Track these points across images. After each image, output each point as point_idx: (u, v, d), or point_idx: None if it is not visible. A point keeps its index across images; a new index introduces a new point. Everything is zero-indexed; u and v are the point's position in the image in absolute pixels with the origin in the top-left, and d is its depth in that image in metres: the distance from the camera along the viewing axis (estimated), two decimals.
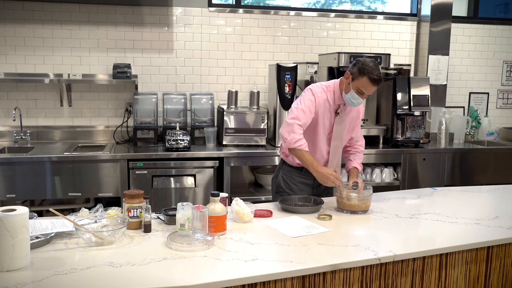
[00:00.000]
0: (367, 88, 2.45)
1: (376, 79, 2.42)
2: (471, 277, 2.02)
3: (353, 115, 2.71)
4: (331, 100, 2.59)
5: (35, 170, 3.44)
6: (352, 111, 2.69)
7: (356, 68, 2.46)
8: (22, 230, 1.59)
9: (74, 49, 4.11)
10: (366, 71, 2.42)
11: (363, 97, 2.50)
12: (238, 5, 4.43)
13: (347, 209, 2.35)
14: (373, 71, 2.41)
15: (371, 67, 2.42)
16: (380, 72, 2.44)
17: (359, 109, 2.74)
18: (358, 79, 2.45)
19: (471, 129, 4.84)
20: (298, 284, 1.69)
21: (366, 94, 2.49)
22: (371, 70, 2.41)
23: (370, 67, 2.42)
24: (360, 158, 2.78)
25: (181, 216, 1.93)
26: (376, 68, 2.43)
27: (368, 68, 2.42)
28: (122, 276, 1.57)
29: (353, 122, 2.72)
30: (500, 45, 5.05)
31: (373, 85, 2.43)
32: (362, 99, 2.51)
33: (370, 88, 2.45)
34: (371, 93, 2.51)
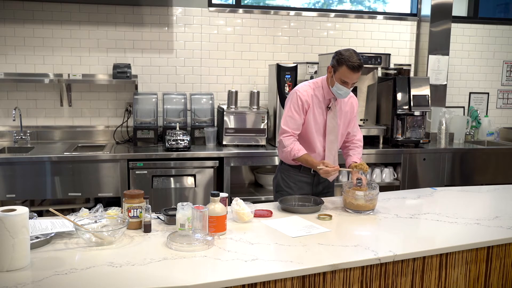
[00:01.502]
0: (348, 76, 2.47)
1: (355, 65, 2.44)
2: (471, 277, 2.02)
3: (347, 109, 2.71)
4: (320, 95, 2.62)
5: (35, 170, 3.44)
6: (345, 105, 2.70)
7: (335, 60, 2.51)
8: (22, 230, 1.59)
9: (74, 49, 4.11)
10: (343, 60, 2.45)
11: (348, 87, 2.51)
12: (238, 5, 4.43)
13: (355, 209, 2.35)
14: (350, 58, 2.44)
15: (348, 55, 2.45)
16: (359, 58, 2.45)
17: (353, 103, 2.74)
18: (338, 70, 2.49)
19: (471, 129, 4.84)
20: (298, 284, 1.69)
21: (350, 83, 2.50)
22: (348, 58, 2.44)
23: (347, 56, 2.45)
24: (359, 153, 2.77)
25: (181, 216, 1.93)
26: (354, 55, 2.45)
27: (345, 57, 2.45)
28: (122, 276, 1.57)
29: (348, 117, 2.72)
30: (500, 45, 5.05)
31: (353, 72, 2.45)
32: (348, 88, 2.51)
33: (351, 76, 2.46)
34: (354, 81, 2.50)
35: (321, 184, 2.77)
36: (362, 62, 2.46)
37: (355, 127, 2.81)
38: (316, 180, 2.74)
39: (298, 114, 2.59)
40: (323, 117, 2.64)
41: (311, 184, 2.73)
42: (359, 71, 2.47)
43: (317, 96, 2.62)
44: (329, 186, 2.82)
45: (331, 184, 2.85)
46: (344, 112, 2.70)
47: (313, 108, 2.61)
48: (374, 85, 4.30)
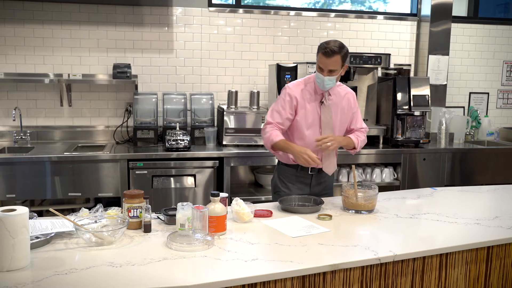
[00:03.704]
0: (322, 62, 2.50)
1: (327, 50, 2.47)
2: (471, 277, 2.02)
3: (344, 105, 2.69)
4: (312, 90, 2.62)
5: (35, 170, 3.44)
6: (341, 100, 2.68)
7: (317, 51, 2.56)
8: (22, 230, 1.59)
9: (74, 49, 4.11)
10: (319, 47, 2.52)
11: (324, 74, 2.50)
12: (238, 5, 4.43)
13: (354, 208, 2.35)
14: (325, 44, 2.49)
15: (324, 42, 2.51)
16: (333, 45, 2.46)
17: (350, 98, 2.72)
18: (317, 59, 2.55)
19: (471, 129, 4.84)
20: (298, 284, 1.69)
21: (325, 70, 2.50)
22: (323, 45, 2.50)
23: (323, 43, 2.51)
24: (357, 135, 2.73)
25: (181, 216, 1.93)
26: (330, 42, 2.49)
27: (321, 44, 2.52)
28: (122, 276, 1.57)
29: (346, 113, 2.70)
30: (500, 45, 5.05)
31: (325, 57, 2.48)
32: (323, 75, 2.51)
33: (323, 61, 2.49)
34: (329, 67, 2.48)
35: (320, 185, 2.75)
36: (337, 49, 2.46)
37: (358, 123, 2.77)
38: (314, 181, 2.73)
39: (284, 109, 2.61)
40: (317, 112, 2.63)
41: (309, 185, 2.72)
42: (332, 56, 2.46)
43: (309, 91, 2.62)
44: (328, 187, 2.81)
45: (330, 185, 2.83)
46: (340, 107, 2.67)
47: (304, 103, 2.61)
48: (374, 85, 4.31)
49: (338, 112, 2.67)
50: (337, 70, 2.52)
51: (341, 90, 2.71)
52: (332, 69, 2.50)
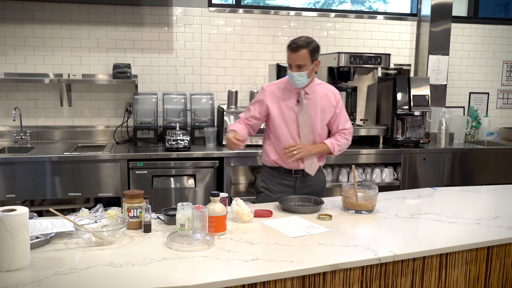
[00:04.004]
0: (289, 57, 2.49)
1: (292, 46, 2.46)
2: (471, 277, 2.02)
3: (324, 104, 2.63)
4: (288, 89, 2.60)
5: (35, 170, 3.44)
6: (321, 99, 2.61)
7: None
8: (22, 230, 1.59)
9: (74, 49, 4.11)
10: (288, 44, 2.51)
11: (292, 69, 2.49)
12: (238, 5, 4.43)
13: (354, 208, 2.35)
14: (291, 40, 2.49)
15: (293, 38, 2.50)
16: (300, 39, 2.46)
17: (330, 96, 2.64)
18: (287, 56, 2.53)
19: (471, 129, 4.84)
20: (298, 284, 1.69)
21: (293, 66, 2.48)
22: (290, 41, 2.50)
23: (291, 39, 2.51)
24: (337, 138, 2.68)
25: (181, 216, 1.92)
26: (298, 37, 2.49)
27: (290, 41, 2.51)
28: (122, 276, 1.56)
29: (327, 112, 2.63)
30: (500, 45, 5.05)
31: (292, 52, 2.47)
32: (291, 71, 2.49)
33: (290, 56, 2.48)
34: (296, 62, 2.46)
35: (306, 188, 2.68)
36: (304, 43, 2.45)
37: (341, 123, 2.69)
38: (299, 184, 2.67)
39: (254, 107, 2.64)
40: (294, 111, 2.59)
41: (293, 188, 2.67)
42: (298, 50, 2.45)
43: (285, 90, 2.60)
44: (315, 191, 2.69)
45: (318, 189, 2.74)
46: (320, 106, 2.62)
47: (278, 102, 2.59)
48: (374, 85, 4.30)
49: (318, 111, 2.62)
50: (306, 65, 2.48)
51: (321, 89, 2.65)
52: (300, 64, 2.46)
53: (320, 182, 2.79)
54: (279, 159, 2.65)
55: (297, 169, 2.65)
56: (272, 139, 2.66)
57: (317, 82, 2.66)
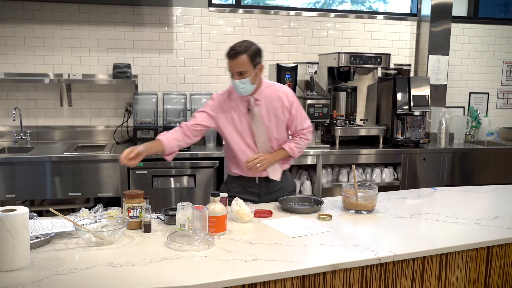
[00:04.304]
0: (229, 65, 2.38)
1: (230, 53, 2.34)
2: (471, 277, 2.02)
3: (277, 106, 2.49)
4: (237, 98, 2.48)
5: (35, 170, 3.44)
6: (272, 101, 2.49)
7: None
8: (22, 230, 1.59)
9: (74, 49, 4.11)
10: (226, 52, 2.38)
11: (234, 78, 2.37)
12: (238, 5, 4.43)
13: (354, 208, 2.35)
14: (230, 47, 2.37)
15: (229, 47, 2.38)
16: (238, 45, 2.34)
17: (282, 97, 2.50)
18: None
19: (471, 129, 4.84)
20: (298, 284, 1.69)
21: (234, 73, 2.36)
22: (228, 48, 2.38)
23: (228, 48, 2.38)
24: (295, 141, 2.58)
25: (181, 216, 1.92)
26: (235, 44, 2.36)
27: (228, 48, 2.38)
28: (122, 276, 1.56)
29: (278, 114, 2.50)
30: (500, 45, 5.05)
31: (230, 60, 2.35)
32: (234, 79, 2.37)
33: (230, 64, 2.37)
34: (238, 69, 2.34)
35: (271, 194, 2.60)
36: (242, 49, 2.32)
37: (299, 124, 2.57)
38: (264, 191, 2.60)
39: (200, 115, 2.51)
40: (246, 120, 2.49)
41: (258, 195, 2.59)
42: (237, 57, 2.32)
43: (234, 100, 2.49)
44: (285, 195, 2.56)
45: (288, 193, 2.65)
46: (273, 110, 2.49)
47: (229, 114, 2.49)
48: (374, 85, 4.31)
49: (271, 116, 2.50)
50: (247, 72, 2.34)
51: (271, 91, 2.51)
52: (240, 71, 2.33)
53: (288, 186, 2.69)
54: (241, 171, 2.57)
55: (261, 177, 2.57)
56: (230, 151, 2.57)
57: (267, 85, 2.52)
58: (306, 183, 3.90)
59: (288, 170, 2.71)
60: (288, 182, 2.72)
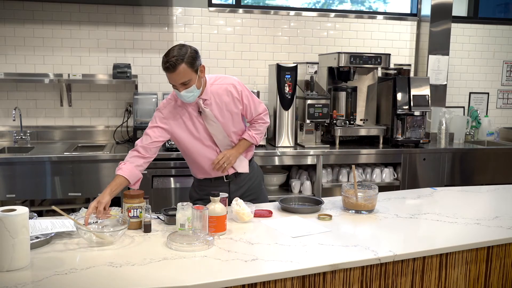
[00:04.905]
0: (170, 78, 2.20)
1: (167, 65, 2.14)
2: (471, 277, 2.02)
3: (227, 100, 2.40)
4: (185, 105, 2.37)
5: (35, 170, 3.44)
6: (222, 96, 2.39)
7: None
8: (22, 230, 1.59)
9: (74, 49, 4.11)
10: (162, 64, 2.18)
11: (180, 90, 2.21)
12: (238, 5, 4.43)
13: (354, 208, 2.35)
14: (164, 59, 2.16)
15: (164, 55, 2.18)
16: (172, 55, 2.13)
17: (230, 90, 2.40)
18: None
19: (471, 129, 4.84)
20: (298, 284, 1.69)
21: (178, 86, 2.20)
22: (163, 60, 2.17)
23: (163, 59, 2.18)
24: (255, 128, 2.52)
25: (181, 216, 1.93)
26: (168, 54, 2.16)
27: (162, 60, 2.18)
28: (122, 276, 1.56)
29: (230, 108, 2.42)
30: (500, 45, 5.05)
31: (170, 73, 2.16)
32: (181, 90, 2.21)
33: (171, 77, 2.18)
34: (177, 82, 2.19)
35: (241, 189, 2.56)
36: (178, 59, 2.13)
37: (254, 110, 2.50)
38: (233, 187, 2.54)
39: (153, 131, 2.36)
40: (200, 123, 2.40)
41: (228, 192, 2.48)
42: (175, 69, 2.14)
43: (181, 106, 2.37)
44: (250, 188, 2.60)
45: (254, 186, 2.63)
46: (225, 105, 2.40)
47: (181, 122, 2.38)
48: (374, 85, 4.31)
49: (224, 111, 2.41)
50: (191, 80, 2.20)
51: (217, 87, 2.40)
52: (183, 81, 2.19)
53: (256, 176, 2.66)
54: (206, 173, 2.51)
55: (228, 174, 2.52)
56: (190, 158, 2.51)
57: (211, 81, 2.40)
58: (306, 183, 3.90)
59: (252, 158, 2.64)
60: (255, 171, 2.66)
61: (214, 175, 2.52)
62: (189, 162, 2.58)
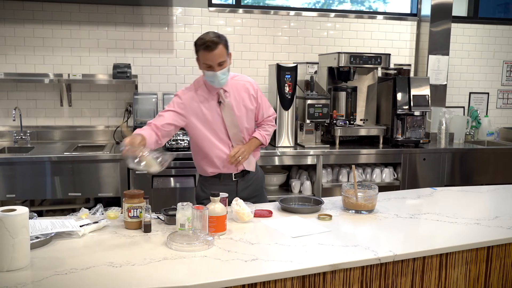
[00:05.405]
0: (207, 58, 2.30)
1: (207, 44, 2.26)
2: (471, 277, 2.02)
3: (244, 96, 2.50)
4: (205, 93, 2.44)
5: (35, 170, 3.44)
6: (240, 92, 2.49)
7: (195, 50, 2.36)
8: (22, 230, 1.59)
9: (74, 49, 4.11)
10: (198, 45, 2.31)
11: (215, 70, 2.31)
12: (238, 5, 4.43)
13: (354, 208, 2.35)
14: (202, 40, 2.29)
15: (200, 38, 2.31)
16: (212, 36, 2.27)
17: (247, 86, 2.52)
18: (199, 57, 2.35)
19: (471, 129, 4.84)
20: (298, 284, 1.69)
21: (214, 66, 2.31)
22: (200, 42, 2.30)
23: (199, 40, 2.31)
24: (264, 129, 2.61)
25: (181, 216, 1.92)
26: (206, 35, 2.30)
27: (198, 42, 2.31)
28: (122, 276, 1.56)
29: (246, 104, 2.51)
30: (500, 45, 5.05)
31: (209, 52, 2.28)
32: (214, 71, 2.32)
33: (209, 56, 2.29)
34: (217, 60, 2.30)
35: (247, 188, 2.61)
36: (218, 39, 2.28)
37: (265, 112, 2.61)
38: (241, 186, 2.58)
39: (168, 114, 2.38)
40: (218, 113, 2.45)
41: (235, 191, 2.55)
42: (216, 48, 2.27)
43: (202, 95, 2.44)
44: (255, 189, 2.66)
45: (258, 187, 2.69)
46: (242, 100, 2.49)
47: (199, 110, 2.42)
48: (374, 85, 4.31)
49: (241, 106, 2.49)
50: (225, 61, 2.34)
51: (237, 82, 2.51)
52: (221, 61, 2.31)
53: (259, 178, 2.71)
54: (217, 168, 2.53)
55: (237, 172, 2.56)
56: (201, 151, 2.51)
57: (230, 77, 2.50)
58: (306, 183, 3.90)
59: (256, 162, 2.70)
60: (259, 173, 2.73)
61: (224, 171, 2.54)
62: (199, 156, 2.58)
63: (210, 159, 2.52)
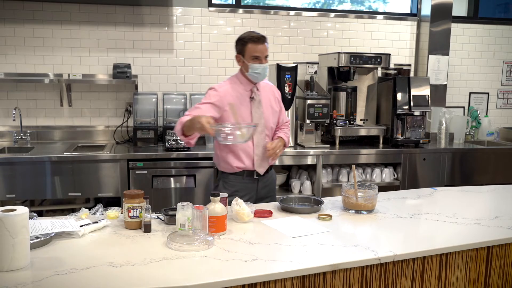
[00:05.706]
0: (257, 49, 2.47)
1: (258, 36, 2.47)
2: (471, 277, 2.02)
3: (271, 97, 2.67)
4: (241, 89, 2.56)
5: (35, 170, 3.44)
6: (267, 93, 2.64)
7: (239, 46, 2.53)
8: (22, 230, 1.59)
9: (74, 49, 4.11)
10: (245, 40, 2.49)
11: (262, 61, 2.50)
12: (238, 5, 4.43)
13: (354, 208, 2.35)
14: (250, 35, 2.49)
15: (247, 34, 2.51)
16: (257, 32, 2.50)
17: (274, 90, 2.71)
18: (246, 51, 2.49)
19: (471, 129, 4.84)
20: (298, 284, 1.69)
21: (262, 57, 2.49)
22: (248, 36, 2.49)
23: (246, 35, 2.50)
24: (285, 131, 2.74)
25: (181, 216, 1.92)
26: (252, 31, 2.53)
27: (245, 37, 2.50)
28: (122, 276, 1.56)
29: (272, 105, 2.66)
30: (500, 45, 5.05)
31: (259, 44, 2.47)
32: (262, 63, 2.50)
33: (259, 48, 2.47)
34: (265, 53, 2.51)
35: (265, 188, 2.70)
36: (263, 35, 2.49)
37: (284, 117, 2.78)
38: (260, 185, 2.66)
39: (206, 107, 2.44)
40: (248, 109, 2.56)
41: (256, 189, 2.64)
42: (264, 41, 2.49)
43: (237, 90, 2.55)
44: (271, 190, 2.76)
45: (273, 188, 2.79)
46: (268, 99, 2.64)
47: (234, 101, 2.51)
48: (374, 85, 4.31)
49: (269, 106, 2.64)
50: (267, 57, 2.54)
51: (265, 84, 2.68)
52: (266, 55, 2.52)
53: (274, 180, 2.82)
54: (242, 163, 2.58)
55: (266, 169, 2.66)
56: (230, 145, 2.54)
57: None
58: (306, 183, 3.90)
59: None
60: (274, 176, 2.84)
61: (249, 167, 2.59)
62: (225, 151, 2.60)
63: (236, 154, 2.58)
